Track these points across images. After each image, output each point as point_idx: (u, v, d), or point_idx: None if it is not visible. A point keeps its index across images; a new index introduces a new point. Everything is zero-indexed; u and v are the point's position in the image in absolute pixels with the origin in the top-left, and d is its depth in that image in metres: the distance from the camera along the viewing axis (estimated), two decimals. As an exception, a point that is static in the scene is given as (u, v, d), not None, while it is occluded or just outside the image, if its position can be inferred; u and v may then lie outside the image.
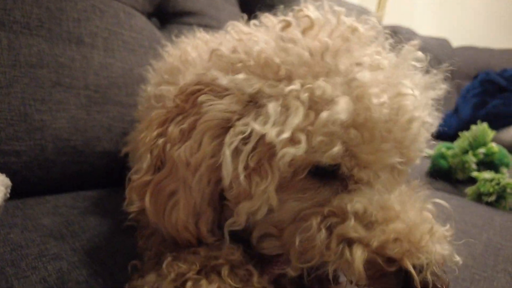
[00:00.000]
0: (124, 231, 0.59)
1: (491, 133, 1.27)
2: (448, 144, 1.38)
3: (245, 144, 0.36)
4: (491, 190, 1.06)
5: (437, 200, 0.44)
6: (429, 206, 0.41)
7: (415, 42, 0.44)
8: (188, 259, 0.39)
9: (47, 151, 0.71)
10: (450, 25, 3.07)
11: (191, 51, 0.59)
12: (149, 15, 1.08)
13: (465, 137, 1.29)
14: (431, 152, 1.55)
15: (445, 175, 1.32)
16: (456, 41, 2.75)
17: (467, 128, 1.41)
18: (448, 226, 0.40)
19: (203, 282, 0.36)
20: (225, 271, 0.38)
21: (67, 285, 0.45)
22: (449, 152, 1.31)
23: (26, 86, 0.69)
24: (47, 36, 0.74)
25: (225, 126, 0.37)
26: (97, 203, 0.71)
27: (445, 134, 2.06)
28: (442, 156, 1.32)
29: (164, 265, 0.38)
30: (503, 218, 0.94)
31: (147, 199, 0.40)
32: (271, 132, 0.34)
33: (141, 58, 0.92)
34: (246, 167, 0.36)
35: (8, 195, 0.48)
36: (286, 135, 0.34)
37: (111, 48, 0.85)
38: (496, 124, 1.86)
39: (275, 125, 0.34)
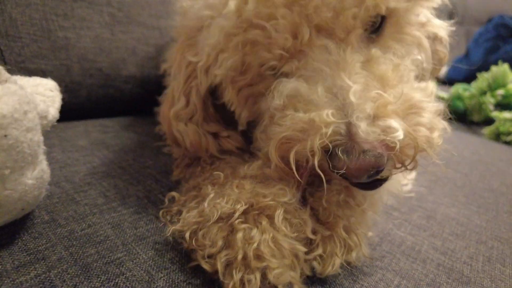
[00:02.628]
0: (166, 155, 0.57)
1: (511, 75, 1.25)
2: (465, 85, 1.36)
3: None
4: (511, 129, 1.07)
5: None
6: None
7: None
8: (231, 195, 0.34)
9: (73, 72, 0.66)
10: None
11: None
12: None
13: (484, 78, 1.27)
14: (445, 94, 1.54)
15: (460, 117, 1.32)
16: (470, -17, 2.62)
17: (477, 73, 1.39)
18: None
19: (255, 233, 0.31)
20: (278, 217, 0.32)
21: (128, 200, 0.43)
22: (466, 93, 1.29)
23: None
24: None
25: None
26: (129, 129, 0.68)
27: (454, 79, 2.05)
28: (459, 97, 1.31)
29: (206, 204, 0.34)
30: (524, 155, 0.95)
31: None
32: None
33: (162, -24, 0.83)
34: None
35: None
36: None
37: (131, -38, 0.76)
38: (507, 69, 1.84)
39: None
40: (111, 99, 0.75)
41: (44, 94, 0.36)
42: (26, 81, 0.37)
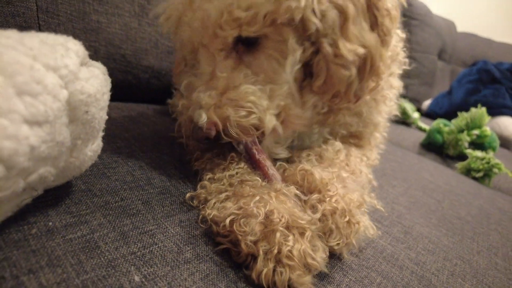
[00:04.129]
0: (178, 145, 0.62)
1: (487, 118, 1.37)
2: (445, 121, 1.48)
3: None
4: (480, 167, 1.18)
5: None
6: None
7: None
8: (273, 204, 0.40)
9: (99, 54, 0.70)
10: (457, 9, 3.10)
11: None
12: None
13: (463, 117, 1.38)
14: (426, 126, 1.65)
15: (437, 149, 1.43)
16: (461, 26, 2.80)
17: (456, 110, 1.50)
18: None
19: (290, 239, 0.37)
20: (307, 237, 0.38)
21: (153, 181, 0.48)
22: (446, 129, 1.41)
23: (86, -18, 0.66)
24: None
25: None
26: (144, 116, 0.73)
27: (435, 113, 2.18)
28: (439, 131, 1.42)
29: (251, 204, 0.39)
30: (488, 192, 1.06)
31: None
32: None
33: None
34: None
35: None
36: None
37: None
38: (483, 112, 1.99)
39: None
40: (129, 85, 0.79)
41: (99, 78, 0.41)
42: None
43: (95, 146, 0.35)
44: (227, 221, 0.38)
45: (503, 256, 0.64)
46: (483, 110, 1.37)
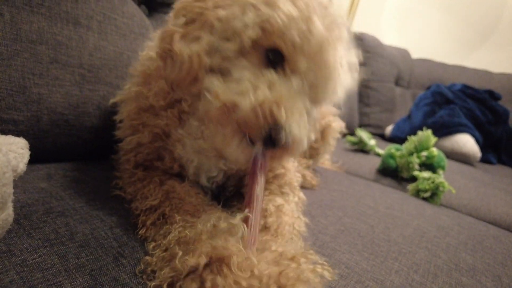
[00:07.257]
0: (114, 199, 0.68)
1: (433, 139, 1.46)
2: (397, 146, 1.57)
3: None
4: (427, 187, 1.25)
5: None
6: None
7: None
8: (196, 250, 0.43)
9: (42, 122, 0.77)
10: (411, 38, 3.33)
11: None
12: (139, 2, 1.14)
13: (412, 140, 1.47)
14: (382, 151, 1.74)
15: (392, 173, 1.51)
16: (416, 53, 3.00)
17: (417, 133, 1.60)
18: None
19: (219, 280, 0.40)
20: (234, 265, 0.41)
21: (76, 236, 0.53)
22: (397, 153, 1.49)
23: (26, 61, 0.75)
24: (47, 14, 0.79)
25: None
26: (86, 174, 0.79)
27: (397, 137, 2.28)
28: (391, 156, 1.50)
29: (176, 261, 0.43)
30: (433, 210, 1.12)
31: (176, 38, 0.52)
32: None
33: (131, 43, 0.98)
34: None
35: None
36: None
37: (105, 31, 0.91)
38: (441, 132, 2.10)
39: None
40: (74, 146, 0.85)
41: (16, 152, 0.47)
42: (2, 139, 0.49)
43: (3, 216, 0.41)
44: (164, 286, 0.42)
45: (423, 272, 0.70)
46: (428, 132, 1.46)
